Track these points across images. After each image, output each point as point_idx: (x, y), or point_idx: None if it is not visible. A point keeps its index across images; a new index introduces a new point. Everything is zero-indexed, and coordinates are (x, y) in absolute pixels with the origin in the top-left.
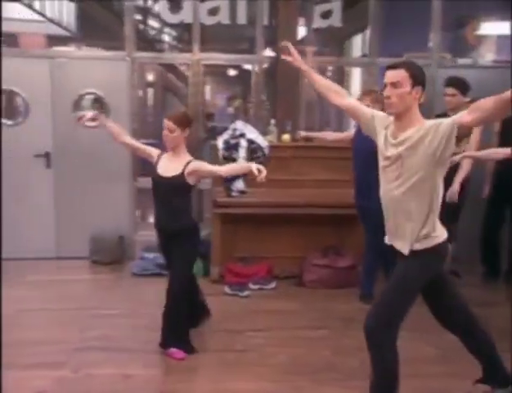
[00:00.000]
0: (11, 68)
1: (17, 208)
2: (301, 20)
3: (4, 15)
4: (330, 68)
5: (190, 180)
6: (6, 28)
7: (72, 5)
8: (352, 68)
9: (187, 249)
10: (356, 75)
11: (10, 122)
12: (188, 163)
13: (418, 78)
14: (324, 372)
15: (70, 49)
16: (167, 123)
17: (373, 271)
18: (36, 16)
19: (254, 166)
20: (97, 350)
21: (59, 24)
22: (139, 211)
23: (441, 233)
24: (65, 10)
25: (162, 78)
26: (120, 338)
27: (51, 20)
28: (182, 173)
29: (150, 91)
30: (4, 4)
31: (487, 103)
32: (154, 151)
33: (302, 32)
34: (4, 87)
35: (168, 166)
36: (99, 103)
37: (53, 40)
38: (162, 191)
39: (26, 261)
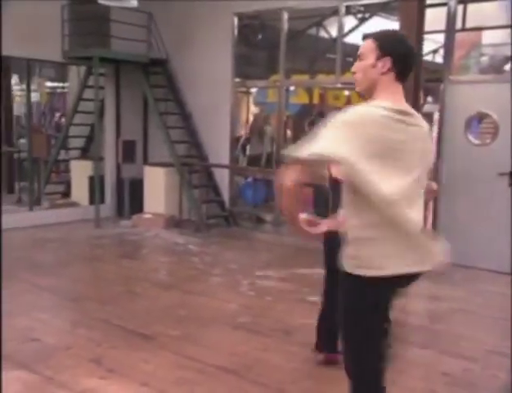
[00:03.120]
0: (490, 92)
1: (478, 221)
2: None
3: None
4: None
5: None
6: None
7: None
8: None
9: None
10: None
11: (477, 142)
12: None
13: (386, 47)
14: None
15: None
16: None
17: None
18: None
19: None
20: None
21: None
22: None
23: None
24: None
25: None
26: None
27: None
28: None
29: None
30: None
31: None
32: None
33: None
34: (480, 109)
35: None
36: None
37: None
38: None
39: (478, 270)
